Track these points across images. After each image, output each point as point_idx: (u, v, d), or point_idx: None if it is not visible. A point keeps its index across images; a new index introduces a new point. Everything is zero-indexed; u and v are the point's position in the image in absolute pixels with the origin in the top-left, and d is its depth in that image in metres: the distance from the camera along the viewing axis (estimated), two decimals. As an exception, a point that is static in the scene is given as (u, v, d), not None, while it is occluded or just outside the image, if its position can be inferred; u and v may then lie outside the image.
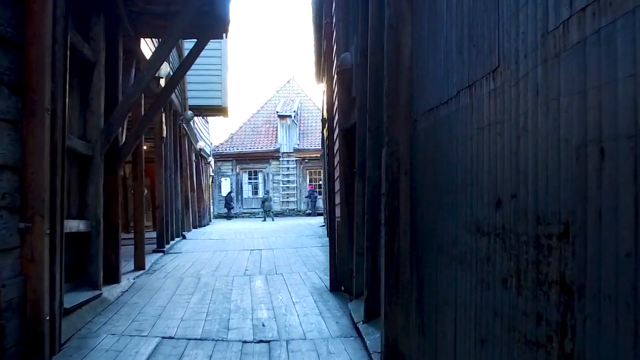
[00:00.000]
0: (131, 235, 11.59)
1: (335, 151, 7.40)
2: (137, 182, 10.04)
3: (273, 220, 28.18)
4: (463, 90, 2.70)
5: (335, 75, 7.07)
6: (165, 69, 10.09)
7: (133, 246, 9.83)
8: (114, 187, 7.86)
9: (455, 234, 2.78)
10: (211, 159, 31.39)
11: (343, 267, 7.04)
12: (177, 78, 8.48)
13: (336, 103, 7.24)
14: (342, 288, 7.01)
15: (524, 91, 1.99)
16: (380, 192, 5.02)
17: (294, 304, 6.58)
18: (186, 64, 8.45)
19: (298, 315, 5.99)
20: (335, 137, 7.41)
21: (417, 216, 3.64)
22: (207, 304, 6.69)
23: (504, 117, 2.17)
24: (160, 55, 7.09)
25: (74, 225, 6.19)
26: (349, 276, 6.83)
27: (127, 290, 7.76)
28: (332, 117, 7.35)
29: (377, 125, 5.08)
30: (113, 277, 7.83)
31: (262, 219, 28.93)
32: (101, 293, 6.73)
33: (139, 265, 9.70)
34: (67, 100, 5.22)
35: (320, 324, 5.63)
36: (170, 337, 5.24)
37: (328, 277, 7.60)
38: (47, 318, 4.51)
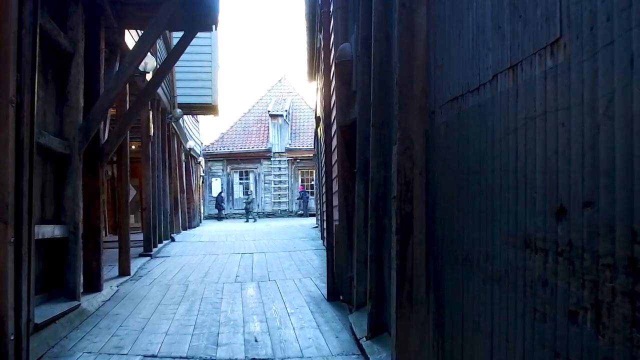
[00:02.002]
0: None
1: (332, 149, 6.91)
2: (122, 183, 9.50)
3: (249, 221, 28.08)
4: (502, 72, 2.21)
5: (333, 68, 6.57)
6: (151, 63, 9.55)
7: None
8: (95, 189, 7.33)
9: (491, 246, 2.30)
10: (201, 159, 30.83)
11: (342, 275, 6.54)
12: (163, 71, 7.98)
13: (334, 98, 6.74)
14: (341, 297, 6.52)
15: (606, 66, 1.50)
16: (385, 195, 4.55)
17: (289, 315, 6.07)
18: (173, 56, 7.94)
19: (294, 329, 5.49)
20: (332, 134, 6.91)
21: (435, 223, 3.15)
22: (195, 316, 6.17)
23: (571, 101, 1.68)
24: (143, 47, 6.56)
25: (49, 230, 5.66)
26: (349, 285, 6.35)
27: (109, 299, 7.23)
28: (330, 112, 6.85)
29: (382, 120, 4.60)
30: (94, 285, 7.32)
31: (253, 219, 28.54)
32: (80, 304, 6.20)
33: (124, 271, 9.18)
34: (36, 91, 4.68)
35: (318, 339, 5.13)
36: (152, 356, 4.72)
37: (324, 285, 7.11)
38: (12, 338, 3.97)
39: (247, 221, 28.10)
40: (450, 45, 2.92)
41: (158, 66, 9.90)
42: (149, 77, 10.15)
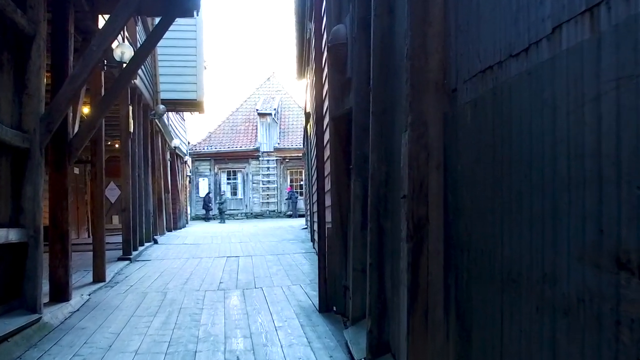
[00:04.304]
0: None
1: (324, 144, 6.25)
2: (96, 182, 8.80)
3: (224, 222, 27.72)
4: (571, 20, 1.58)
5: (326, 53, 5.92)
6: (129, 53, 8.85)
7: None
8: (62, 187, 6.64)
9: (552, 263, 1.67)
10: (188, 159, 30.07)
11: (335, 284, 5.89)
12: (140, 57, 7.31)
13: (326, 87, 6.10)
14: (334, 308, 5.87)
15: None
16: (387, 194, 3.94)
17: (276, 329, 5.41)
18: (151, 42, 7.32)
19: (282, 346, 4.83)
20: (325, 127, 6.26)
21: (457, 229, 2.52)
22: (171, 330, 5.50)
23: None
24: (112, 29, 5.89)
25: (1, 235, 4.97)
26: (343, 294, 5.72)
27: (77, 309, 6.54)
28: (321, 103, 6.20)
29: (383, 107, 3.97)
30: (61, 294, 6.63)
31: (220, 220, 28.14)
32: (41, 317, 5.51)
33: (99, 277, 8.50)
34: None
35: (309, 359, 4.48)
36: (116, 382, 4.06)
37: (316, 293, 6.46)
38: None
39: (223, 222, 27.59)
40: (479, 2, 2.29)
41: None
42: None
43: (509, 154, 1.97)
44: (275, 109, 33.30)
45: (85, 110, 9.89)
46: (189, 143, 30.09)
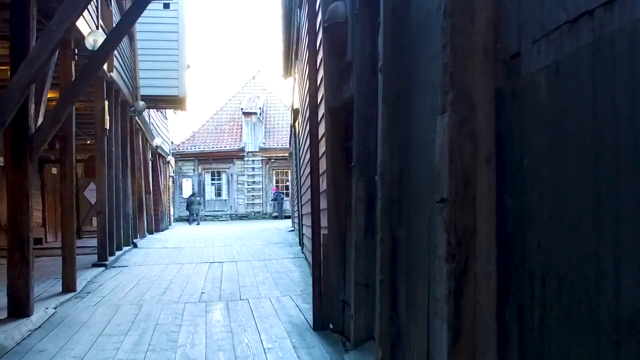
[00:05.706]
0: (79, 243, 9.58)
1: (319, 138, 5.54)
2: (65, 183, 8.00)
3: (192, 224, 27.24)
4: None
5: (321, 34, 5.23)
6: (101, 40, 8.08)
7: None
8: (22, 188, 5.89)
9: None
10: (171, 158, 29.21)
11: (332, 298, 5.19)
12: (112, 42, 6.61)
13: (321, 73, 5.39)
14: (331, 326, 5.16)
15: None
16: (401, 197, 3.28)
17: (265, 351, 4.70)
18: (124, 25, 6.58)
19: (272, 375, 4.13)
20: (319, 120, 5.55)
21: (524, 245, 1.83)
22: (144, 352, 4.77)
23: None
24: (75, 5, 5.15)
25: (-61, 245, 4.22)
26: (341, 310, 5.02)
27: (39, 326, 5.78)
28: (315, 93, 5.48)
29: (397, 91, 3.29)
30: (21, 309, 5.89)
31: (197, 222, 27.70)
32: (-9, 338, 4.78)
33: (68, 287, 7.74)
34: None
35: (305, 393, 3.78)
36: None
37: (308, 305, 5.79)
38: None
39: (198, 223, 27.04)
40: None
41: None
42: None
43: (634, 138, 1.29)
44: (260, 108, 32.62)
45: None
46: (172, 143, 29.30)
